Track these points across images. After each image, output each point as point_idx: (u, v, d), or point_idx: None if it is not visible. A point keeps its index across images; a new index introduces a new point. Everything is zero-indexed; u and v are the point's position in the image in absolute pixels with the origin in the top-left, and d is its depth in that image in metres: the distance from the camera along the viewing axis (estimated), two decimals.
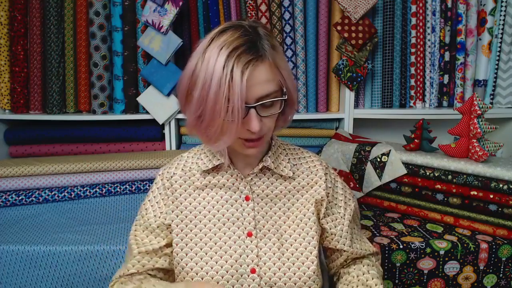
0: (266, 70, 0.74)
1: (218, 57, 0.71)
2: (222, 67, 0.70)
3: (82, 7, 1.62)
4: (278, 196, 0.87)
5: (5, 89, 1.64)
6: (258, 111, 0.74)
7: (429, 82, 1.72)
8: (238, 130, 0.74)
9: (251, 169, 0.87)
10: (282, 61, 0.77)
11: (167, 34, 1.58)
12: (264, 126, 0.77)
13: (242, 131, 0.76)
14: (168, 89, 1.61)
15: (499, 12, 1.66)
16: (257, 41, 0.74)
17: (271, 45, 0.76)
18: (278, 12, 1.64)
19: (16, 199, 1.42)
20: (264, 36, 0.76)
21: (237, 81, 0.69)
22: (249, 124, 0.74)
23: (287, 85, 0.78)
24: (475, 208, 1.28)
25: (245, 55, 0.71)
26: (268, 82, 0.74)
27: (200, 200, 0.86)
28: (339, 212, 0.90)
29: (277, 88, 0.76)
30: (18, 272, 1.16)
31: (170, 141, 1.71)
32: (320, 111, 1.77)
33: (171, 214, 0.85)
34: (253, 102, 0.73)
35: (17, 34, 1.61)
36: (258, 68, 0.72)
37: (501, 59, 1.71)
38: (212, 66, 0.71)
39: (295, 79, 1.70)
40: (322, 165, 0.92)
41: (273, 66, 0.75)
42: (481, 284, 1.24)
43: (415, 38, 1.69)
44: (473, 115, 1.28)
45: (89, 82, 1.67)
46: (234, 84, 0.69)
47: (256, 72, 0.72)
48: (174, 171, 0.89)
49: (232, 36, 0.73)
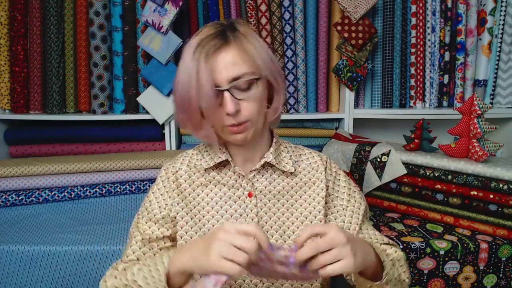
0: (233, 52, 0.76)
1: (189, 50, 0.77)
2: (191, 59, 0.76)
3: (82, 7, 1.62)
4: (280, 193, 0.88)
5: (5, 89, 1.64)
6: (233, 93, 0.76)
7: (429, 82, 1.72)
8: (218, 116, 0.78)
9: (253, 166, 0.87)
10: (256, 46, 0.79)
11: (167, 34, 1.58)
12: (244, 110, 0.78)
13: (224, 117, 0.78)
14: (168, 89, 1.61)
15: (499, 12, 1.66)
16: (226, 30, 0.79)
17: (243, 32, 0.79)
18: (278, 12, 1.64)
19: (16, 199, 1.42)
20: (237, 26, 0.80)
21: (202, 66, 0.74)
22: (225, 107, 0.76)
23: (264, 68, 0.79)
24: (475, 208, 1.28)
25: (210, 42, 0.76)
26: (237, 64, 0.76)
27: (204, 196, 0.87)
28: (341, 205, 0.90)
29: (250, 70, 0.77)
30: (18, 272, 1.16)
31: (170, 141, 1.71)
32: (320, 111, 1.77)
33: (176, 207, 0.85)
34: (226, 84, 0.76)
35: (17, 34, 1.61)
36: (224, 52, 0.76)
37: (501, 59, 1.71)
38: (185, 61, 0.77)
39: (295, 79, 1.70)
40: (322, 160, 0.93)
41: (241, 48, 0.77)
42: (481, 284, 1.24)
43: (415, 38, 1.69)
44: (473, 115, 1.28)
45: (89, 82, 1.67)
46: (200, 69, 0.74)
47: (222, 55, 0.76)
48: (180, 166, 0.90)
49: (204, 33, 0.79)
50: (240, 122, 0.78)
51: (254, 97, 0.78)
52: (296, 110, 1.74)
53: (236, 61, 0.76)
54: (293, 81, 1.70)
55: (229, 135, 0.81)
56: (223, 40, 0.77)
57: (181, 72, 0.78)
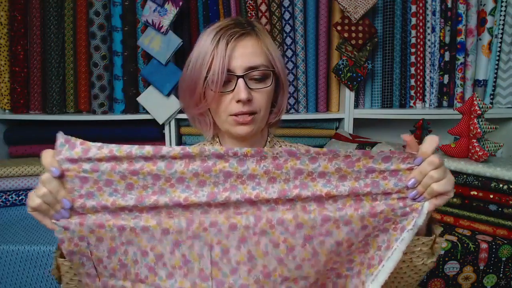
0: (253, 43, 0.78)
1: (208, 36, 0.78)
2: (210, 42, 0.77)
3: (82, 7, 1.62)
4: None
5: (5, 89, 1.64)
6: (247, 82, 0.77)
7: (429, 82, 1.72)
8: (225, 104, 0.78)
9: None
10: (271, 43, 0.82)
11: (167, 34, 1.58)
12: (255, 101, 0.78)
13: (232, 105, 0.78)
14: (168, 89, 1.61)
15: (499, 12, 1.66)
16: (245, 24, 0.80)
17: (260, 28, 0.82)
18: (278, 12, 1.64)
19: (16, 199, 1.42)
20: (254, 22, 0.82)
21: (221, 48, 0.75)
22: (238, 93, 0.76)
23: (277, 66, 0.81)
24: (475, 208, 1.28)
25: (232, 30, 0.77)
26: (255, 54, 0.78)
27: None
28: None
29: (266, 63, 0.79)
30: (18, 272, 1.16)
31: (170, 141, 1.71)
32: (320, 111, 1.77)
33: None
34: (241, 72, 0.76)
35: (17, 34, 1.61)
36: (245, 40, 0.78)
37: (501, 59, 1.71)
38: (202, 44, 0.78)
39: (295, 79, 1.70)
40: None
41: (260, 42, 0.79)
42: (481, 284, 1.24)
43: (415, 38, 1.69)
44: (473, 115, 1.28)
45: (89, 82, 1.67)
46: (218, 51, 0.75)
47: (243, 43, 0.77)
48: None
49: (223, 23, 0.80)
50: (249, 111, 0.78)
51: (266, 91, 0.79)
52: (296, 110, 1.74)
53: (255, 51, 0.78)
54: (293, 81, 1.70)
55: (232, 126, 0.80)
56: (244, 30, 0.78)
57: (196, 51, 0.79)
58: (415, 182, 0.65)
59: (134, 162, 0.62)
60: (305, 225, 0.65)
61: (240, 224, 0.65)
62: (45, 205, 0.63)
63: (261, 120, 0.81)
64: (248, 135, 0.81)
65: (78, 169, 0.62)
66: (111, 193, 0.64)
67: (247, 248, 0.66)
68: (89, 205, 0.64)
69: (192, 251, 0.66)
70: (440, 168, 0.64)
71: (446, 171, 0.66)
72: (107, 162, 0.62)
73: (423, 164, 0.64)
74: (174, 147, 0.62)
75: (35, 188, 0.63)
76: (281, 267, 0.66)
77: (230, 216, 0.65)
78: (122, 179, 0.63)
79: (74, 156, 0.61)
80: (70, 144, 0.62)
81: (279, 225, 0.65)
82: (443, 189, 0.64)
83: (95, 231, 0.65)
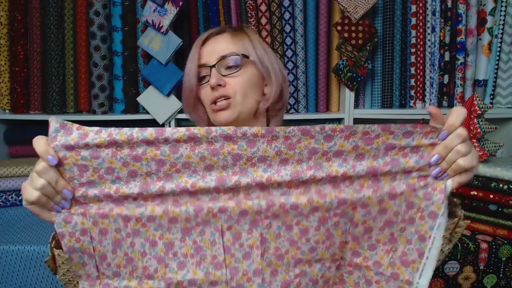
0: (227, 37, 0.85)
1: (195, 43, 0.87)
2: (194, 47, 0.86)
3: (82, 7, 1.62)
4: None
5: (5, 89, 1.64)
6: (220, 70, 0.82)
7: (429, 82, 1.72)
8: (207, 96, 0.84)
9: None
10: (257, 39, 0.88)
11: (167, 34, 1.58)
12: (228, 86, 0.82)
13: (208, 93, 0.84)
14: (168, 89, 1.61)
15: (499, 12, 1.66)
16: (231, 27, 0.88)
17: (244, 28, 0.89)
18: (278, 12, 1.64)
19: (16, 199, 1.42)
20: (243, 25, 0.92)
21: (195, 50, 0.85)
22: (210, 80, 0.82)
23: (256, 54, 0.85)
24: (475, 208, 1.28)
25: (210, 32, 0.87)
26: (228, 45, 0.84)
27: None
28: None
29: (239, 52, 0.83)
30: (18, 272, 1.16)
31: None
32: (320, 111, 1.77)
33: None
34: (214, 62, 0.83)
35: (17, 34, 1.61)
36: (219, 38, 0.85)
37: (501, 59, 1.71)
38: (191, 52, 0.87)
39: (295, 79, 1.70)
40: None
41: (233, 35, 0.85)
42: (481, 284, 1.24)
43: (415, 38, 1.69)
44: (473, 115, 1.28)
45: (89, 82, 1.67)
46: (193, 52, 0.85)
47: (217, 40, 0.85)
48: None
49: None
50: (221, 95, 0.82)
51: (241, 76, 0.82)
52: (296, 110, 1.74)
53: (227, 43, 0.84)
54: (293, 81, 1.70)
55: (214, 115, 0.85)
56: (220, 30, 0.87)
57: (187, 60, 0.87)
58: (439, 158, 0.61)
59: (136, 147, 0.58)
60: (321, 208, 0.62)
61: (251, 210, 0.62)
62: (44, 198, 0.59)
63: (241, 105, 0.82)
64: (227, 121, 0.82)
65: (76, 156, 0.58)
66: (113, 181, 0.60)
67: (259, 231, 0.63)
68: (91, 194, 0.60)
69: (203, 237, 0.63)
70: (466, 142, 0.60)
71: (471, 145, 0.61)
72: (107, 148, 0.58)
73: (450, 137, 0.60)
74: (178, 128, 0.57)
75: (30, 180, 0.59)
76: (293, 249, 0.64)
77: (241, 201, 0.62)
78: (124, 166, 0.59)
79: (70, 143, 0.57)
80: (66, 129, 0.58)
81: (293, 210, 0.62)
82: (469, 164, 0.60)
83: (99, 222, 0.61)
